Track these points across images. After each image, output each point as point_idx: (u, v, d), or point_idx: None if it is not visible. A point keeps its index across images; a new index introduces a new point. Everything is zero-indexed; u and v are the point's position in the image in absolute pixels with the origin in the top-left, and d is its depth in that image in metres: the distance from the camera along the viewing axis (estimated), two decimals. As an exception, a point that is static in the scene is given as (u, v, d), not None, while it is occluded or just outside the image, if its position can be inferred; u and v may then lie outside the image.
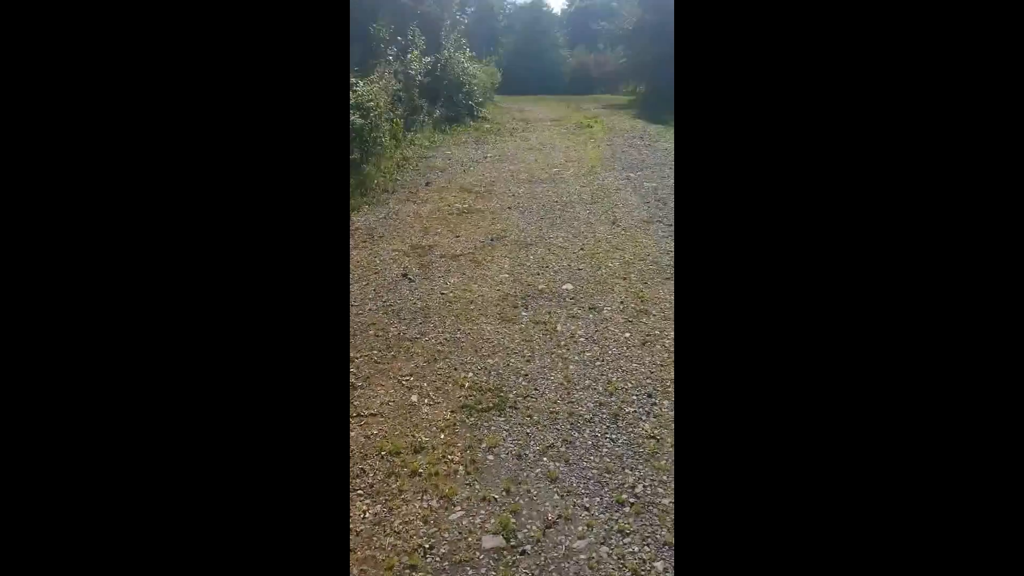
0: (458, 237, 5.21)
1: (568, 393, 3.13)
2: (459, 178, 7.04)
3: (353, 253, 4.92)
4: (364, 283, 4.42)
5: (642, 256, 4.81)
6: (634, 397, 3.09)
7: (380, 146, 7.48)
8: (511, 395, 3.11)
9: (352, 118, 6.61)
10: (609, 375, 3.28)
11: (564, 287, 4.31)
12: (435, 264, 4.69)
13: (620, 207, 5.96)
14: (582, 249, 4.94)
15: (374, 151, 7.34)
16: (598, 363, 3.39)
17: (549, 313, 3.93)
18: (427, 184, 6.71)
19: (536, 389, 3.16)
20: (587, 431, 2.84)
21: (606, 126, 10.35)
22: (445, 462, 2.64)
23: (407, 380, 3.25)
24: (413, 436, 2.80)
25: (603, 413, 2.97)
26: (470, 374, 3.31)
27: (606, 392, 3.13)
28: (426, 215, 5.77)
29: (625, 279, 4.42)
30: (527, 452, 2.70)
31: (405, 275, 4.46)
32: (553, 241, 5.13)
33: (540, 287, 4.30)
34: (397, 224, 5.59)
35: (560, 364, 3.39)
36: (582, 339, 3.64)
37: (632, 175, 7.11)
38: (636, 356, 3.45)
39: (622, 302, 4.08)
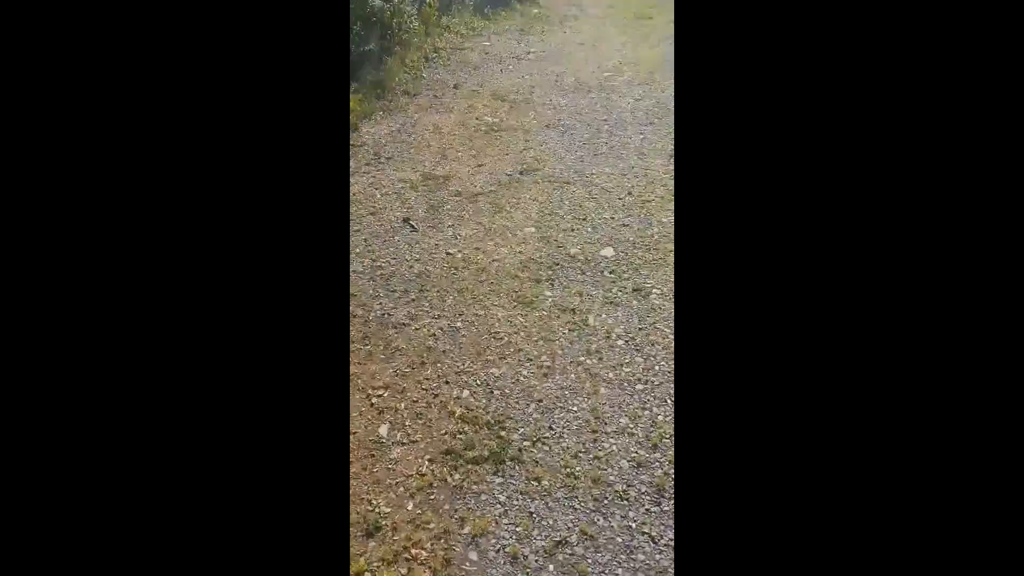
0: (481, 166, 4.10)
1: (595, 439, 2.19)
2: (494, 80, 5.75)
3: (352, 180, 3.91)
4: (355, 229, 3.39)
5: (705, 209, 3.70)
6: (685, 454, 2.17)
7: (408, 33, 6.18)
8: (516, 436, 2.18)
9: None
10: (654, 410, 2.31)
11: (603, 252, 3.26)
12: (447, 205, 3.63)
13: (681, 132, 4.73)
14: (630, 194, 3.81)
15: (399, 40, 6.06)
16: (640, 386, 2.42)
17: (580, 295, 2.92)
18: (455, 87, 5.47)
19: (551, 428, 2.23)
20: (617, 515, 1.93)
21: (669, 18, 8.69)
22: (407, 559, 1.79)
23: (379, 396, 2.32)
24: (369, 502, 1.92)
25: (642, 482, 2.04)
26: (465, 393, 2.36)
27: (647, 442, 2.18)
28: (448, 131, 4.62)
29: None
30: (526, 551, 1.80)
31: (407, 220, 3.42)
32: (595, 179, 3.99)
33: (573, 251, 3.25)
34: (411, 141, 4.47)
35: (588, 384, 2.43)
36: (620, 342, 2.65)
37: (698, 88, 5.75)
38: (691, 376, 2.49)
39: (677, 282, 3.06)
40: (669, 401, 2.32)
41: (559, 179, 3.93)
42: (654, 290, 2.94)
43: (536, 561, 1.77)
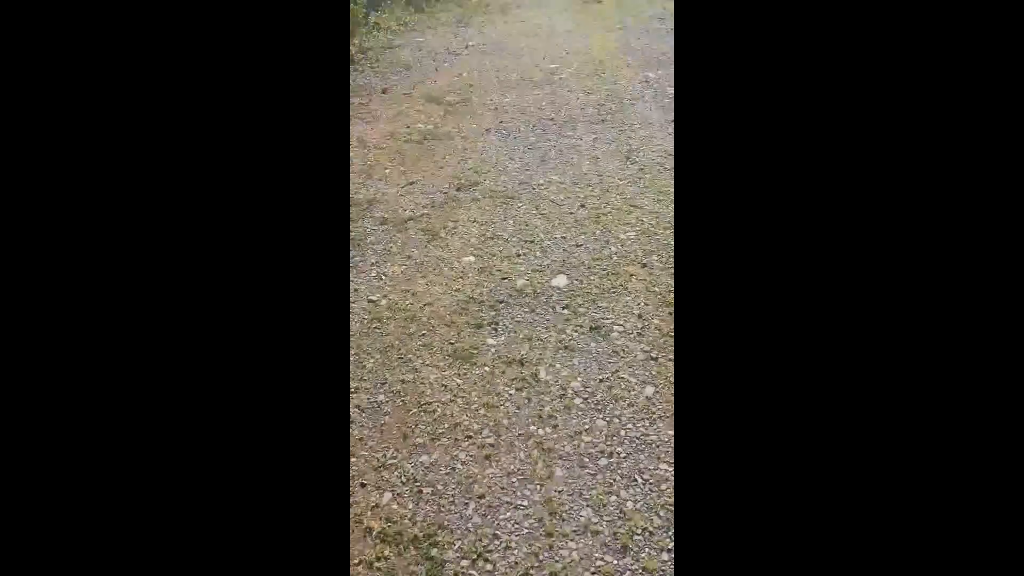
0: (411, 184, 3.62)
1: (551, 545, 1.73)
2: (428, 80, 5.25)
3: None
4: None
5: (667, 219, 3.27)
6: (666, 556, 1.76)
7: (331, 33, 5.63)
8: (451, 554, 1.70)
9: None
10: (622, 494, 1.88)
11: (555, 282, 2.82)
12: (370, 238, 3.12)
13: (637, 128, 4.29)
14: (583, 206, 3.37)
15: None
16: (603, 461, 1.99)
17: (529, 340, 2.47)
18: (384, 92, 4.95)
19: (496, 536, 1.76)
20: (580, 662, 1.53)
21: (618, 1, 8.28)
22: None
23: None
24: None
25: (610, 607, 1.65)
26: (387, 497, 1.86)
27: (615, 542, 1.73)
28: (374, 144, 4.11)
29: (644, 265, 2.92)
30: None
31: (322, 260, 2.97)
32: (543, 190, 3.54)
33: (519, 283, 2.80)
34: (335, 157, 3.99)
35: (540, 464, 1.97)
36: (578, 400, 2.22)
37: (651, 75, 5.30)
38: (666, 442, 2.08)
39: (640, 314, 2.62)
40: (639, 479, 1.90)
41: (502, 194, 3.47)
42: (615, 327, 2.52)
43: None
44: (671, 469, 1.91)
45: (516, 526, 1.76)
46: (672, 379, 2.25)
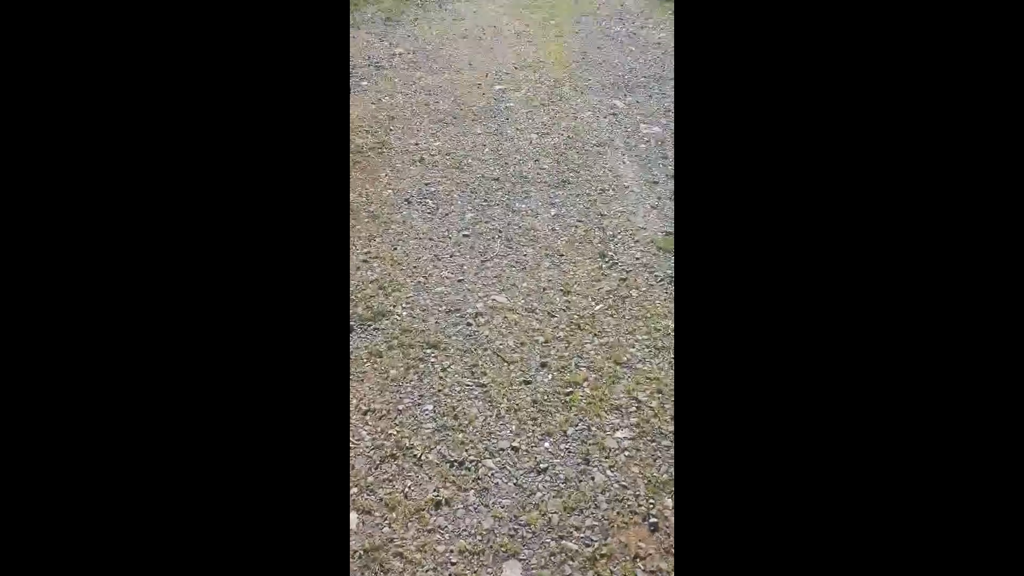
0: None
1: None
2: (340, 104, 3.72)
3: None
4: None
5: (673, 391, 1.97)
6: None
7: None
8: None
9: None
10: None
11: (500, 583, 1.49)
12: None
13: (610, 196, 2.83)
14: (544, 365, 1.95)
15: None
16: None
17: None
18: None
19: None
20: None
21: (570, -8, 6.65)
22: None
23: None
24: None
25: None
26: None
27: None
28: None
29: (653, 529, 1.50)
30: None
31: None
32: (484, 327, 2.09)
33: (436, 591, 1.46)
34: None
35: None
36: None
37: (619, 104, 3.80)
38: None
39: None
40: None
41: (420, 338, 2.01)
42: None
43: None
44: None
45: None
46: None
